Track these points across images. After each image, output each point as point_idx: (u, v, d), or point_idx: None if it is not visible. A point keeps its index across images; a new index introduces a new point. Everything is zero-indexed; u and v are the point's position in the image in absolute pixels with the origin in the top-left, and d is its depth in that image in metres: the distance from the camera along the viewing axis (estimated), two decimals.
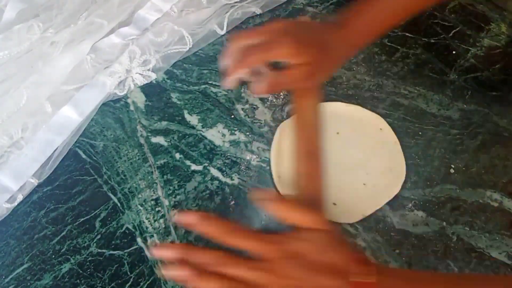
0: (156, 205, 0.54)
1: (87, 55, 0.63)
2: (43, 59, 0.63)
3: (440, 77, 0.64)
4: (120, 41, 0.66)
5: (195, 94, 0.62)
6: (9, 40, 0.64)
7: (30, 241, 0.52)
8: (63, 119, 0.59)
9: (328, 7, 0.71)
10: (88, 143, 0.58)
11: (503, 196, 0.55)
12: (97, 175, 0.56)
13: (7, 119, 0.58)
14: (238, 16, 0.69)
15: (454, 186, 0.55)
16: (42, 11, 0.68)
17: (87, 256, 0.51)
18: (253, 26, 0.69)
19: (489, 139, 0.59)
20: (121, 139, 0.59)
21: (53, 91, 0.61)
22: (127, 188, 0.55)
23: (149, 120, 0.60)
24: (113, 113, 0.61)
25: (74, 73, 0.62)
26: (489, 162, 0.57)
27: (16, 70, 0.62)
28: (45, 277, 0.50)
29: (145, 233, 0.52)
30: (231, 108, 0.61)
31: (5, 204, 0.53)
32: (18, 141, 0.58)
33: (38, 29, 0.65)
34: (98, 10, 0.68)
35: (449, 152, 0.58)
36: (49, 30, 0.66)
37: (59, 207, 0.54)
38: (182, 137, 0.59)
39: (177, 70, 0.64)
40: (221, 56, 0.52)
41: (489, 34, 0.67)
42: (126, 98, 0.62)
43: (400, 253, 0.51)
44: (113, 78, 0.62)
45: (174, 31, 0.66)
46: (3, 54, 0.62)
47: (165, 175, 0.56)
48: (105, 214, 0.53)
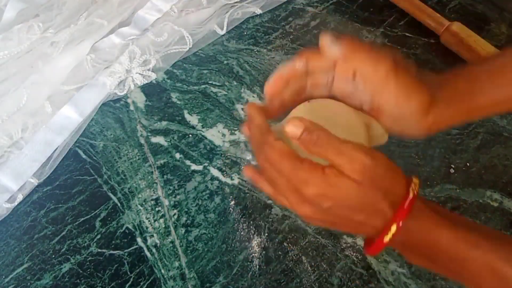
0: (156, 205, 0.54)
1: (87, 55, 0.63)
2: (43, 59, 0.63)
3: None
4: (120, 41, 0.66)
5: (195, 94, 0.62)
6: (9, 40, 0.64)
7: (30, 241, 0.52)
8: (63, 119, 0.59)
9: (328, 7, 0.71)
10: (88, 143, 0.58)
11: (503, 196, 0.55)
12: (97, 175, 0.56)
13: (7, 119, 0.58)
14: (238, 16, 0.69)
15: (454, 186, 0.55)
16: (42, 11, 0.68)
17: (87, 256, 0.51)
18: (253, 26, 0.69)
19: (489, 139, 0.59)
20: (121, 139, 0.59)
21: (53, 91, 0.61)
22: (127, 188, 0.55)
23: (149, 120, 0.60)
24: (113, 113, 0.61)
25: (74, 73, 0.62)
26: (489, 162, 0.57)
27: (16, 70, 0.62)
28: (45, 277, 0.50)
29: (145, 233, 0.52)
30: (231, 108, 0.61)
31: (5, 204, 0.53)
32: (18, 141, 0.58)
33: (38, 29, 0.65)
34: (98, 10, 0.68)
35: (449, 152, 0.58)
36: (49, 30, 0.66)
37: (59, 207, 0.54)
38: (182, 137, 0.59)
39: (177, 70, 0.64)
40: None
41: (489, 34, 0.67)
42: (126, 98, 0.62)
43: (400, 253, 0.51)
44: (113, 78, 0.62)
45: (174, 31, 0.67)
46: (3, 54, 0.62)
47: (165, 175, 0.56)
48: (105, 214, 0.53)
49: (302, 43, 0.68)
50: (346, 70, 0.35)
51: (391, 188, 0.31)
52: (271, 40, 0.68)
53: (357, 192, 0.30)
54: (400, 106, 0.34)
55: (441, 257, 0.31)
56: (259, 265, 0.50)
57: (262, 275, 0.49)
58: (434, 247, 0.31)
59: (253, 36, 0.69)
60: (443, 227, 0.31)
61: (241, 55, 0.67)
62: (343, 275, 0.49)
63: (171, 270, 0.50)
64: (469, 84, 0.35)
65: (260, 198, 0.54)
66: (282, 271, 0.49)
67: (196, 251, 0.51)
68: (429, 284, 0.48)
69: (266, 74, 0.64)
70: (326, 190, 0.31)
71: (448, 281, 0.48)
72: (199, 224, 0.52)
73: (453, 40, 0.64)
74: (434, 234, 0.31)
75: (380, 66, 0.33)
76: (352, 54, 0.34)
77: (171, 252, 0.51)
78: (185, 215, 0.53)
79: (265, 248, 0.51)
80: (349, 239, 0.51)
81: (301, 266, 0.50)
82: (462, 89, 0.35)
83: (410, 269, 0.50)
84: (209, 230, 0.52)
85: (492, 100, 0.35)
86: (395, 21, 0.70)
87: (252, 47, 0.68)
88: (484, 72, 0.36)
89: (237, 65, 0.66)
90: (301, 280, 0.49)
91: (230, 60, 0.66)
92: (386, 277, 0.49)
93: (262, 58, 0.66)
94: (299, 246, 0.51)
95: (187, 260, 0.50)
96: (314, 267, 0.50)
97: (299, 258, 0.50)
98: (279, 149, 0.32)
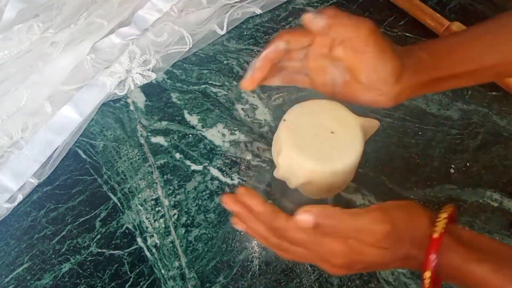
0: (156, 205, 0.54)
1: (87, 55, 0.63)
2: (43, 59, 0.63)
3: None
4: (120, 41, 0.66)
5: (195, 94, 0.62)
6: (9, 40, 0.64)
7: (30, 241, 0.52)
8: (63, 119, 0.59)
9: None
10: (88, 143, 0.58)
11: (503, 196, 0.55)
12: (97, 175, 0.56)
13: (7, 119, 0.58)
14: (238, 16, 0.69)
15: (454, 186, 0.55)
16: (42, 11, 0.68)
17: (87, 256, 0.51)
18: (253, 26, 0.69)
19: (489, 139, 0.59)
20: (121, 139, 0.59)
21: (53, 91, 0.61)
22: (127, 188, 0.55)
23: (149, 120, 0.60)
24: (113, 113, 0.61)
25: (74, 73, 0.62)
26: (489, 162, 0.57)
27: (16, 70, 0.62)
28: (45, 277, 0.50)
29: (145, 233, 0.52)
30: (231, 108, 0.61)
31: (5, 204, 0.53)
32: (18, 141, 0.58)
33: (38, 29, 0.65)
34: (98, 10, 0.68)
35: (449, 152, 0.58)
36: (49, 30, 0.66)
37: (59, 207, 0.54)
38: (182, 137, 0.59)
39: (177, 70, 0.64)
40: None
41: None
42: (126, 98, 0.62)
43: None
44: (113, 78, 0.62)
45: (174, 31, 0.67)
46: (3, 54, 0.62)
47: (165, 175, 0.56)
48: (105, 214, 0.53)
49: None
50: (323, 43, 0.36)
51: (416, 234, 0.32)
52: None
53: (386, 254, 0.31)
54: (377, 69, 0.35)
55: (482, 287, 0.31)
56: (259, 265, 0.50)
57: (262, 275, 0.49)
58: (471, 280, 0.31)
59: (253, 36, 0.69)
60: (472, 262, 0.31)
61: (241, 55, 0.67)
62: (343, 275, 0.49)
63: (171, 270, 0.50)
64: (431, 58, 0.37)
65: None
66: (282, 271, 0.49)
67: (196, 251, 0.51)
68: None
69: None
70: (355, 258, 0.32)
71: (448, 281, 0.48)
72: (199, 224, 0.52)
73: None
74: (465, 270, 0.31)
75: (362, 29, 0.35)
76: (334, 21, 0.35)
77: (171, 252, 0.51)
78: (185, 215, 0.53)
79: (265, 248, 0.51)
80: None
81: (301, 266, 0.50)
82: (425, 61, 0.37)
83: (410, 269, 0.50)
84: (209, 230, 0.52)
85: (452, 74, 0.37)
86: (395, 21, 0.70)
87: (252, 47, 0.68)
88: (445, 46, 0.38)
89: (237, 65, 0.66)
90: (301, 280, 0.49)
91: (230, 60, 0.66)
92: (386, 277, 0.49)
93: None
94: None
95: (187, 260, 0.50)
96: (314, 267, 0.49)
97: None
98: (297, 229, 0.32)
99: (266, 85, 0.49)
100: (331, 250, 0.32)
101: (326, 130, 0.39)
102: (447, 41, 0.39)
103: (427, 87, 0.38)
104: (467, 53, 0.37)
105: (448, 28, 0.64)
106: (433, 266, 0.31)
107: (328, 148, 0.39)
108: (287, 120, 0.39)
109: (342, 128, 0.38)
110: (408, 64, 0.36)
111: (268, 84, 0.40)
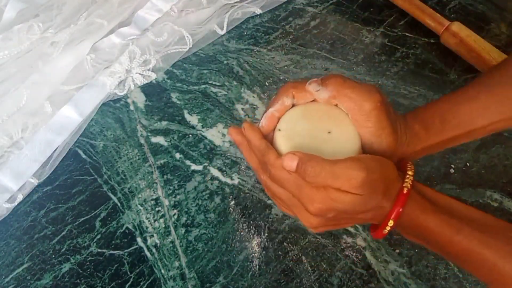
0: (156, 205, 0.54)
1: (87, 55, 0.63)
2: (43, 59, 0.63)
3: (440, 77, 0.64)
4: (120, 41, 0.66)
5: (195, 94, 0.62)
6: (9, 40, 0.64)
7: (30, 241, 0.52)
8: (63, 119, 0.59)
9: (328, 7, 0.71)
10: (88, 143, 0.58)
11: (503, 196, 0.55)
12: (97, 175, 0.56)
13: (7, 119, 0.58)
14: (238, 16, 0.69)
15: (454, 186, 0.55)
16: (42, 11, 0.68)
17: (87, 256, 0.51)
18: (253, 26, 0.69)
19: (489, 139, 0.59)
20: (121, 139, 0.59)
21: (53, 91, 0.61)
22: (127, 188, 0.55)
23: (149, 120, 0.60)
24: (113, 113, 0.61)
25: (74, 73, 0.62)
26: (489, 162, 0.57)
27: (16, 70, 0.62)
28: (45, 277, 0.50)
29: (145, 233, 0.52)
30: (231, 108, 0.61)
31: (5, 204, 0.53)
32: (18, 141, 0.58)
33: (38, 29, 0.65)
34: (98, 10, 0.68)
35: (449, 152, 0.58)
36: (49, 30, 0.66)
37: (59, 207, 0.54)
38: (182, 137, 0.59)
39: (177, 70, 0.64)
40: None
41: (489, 34, 0.67)
42: (126, 98, 0.62)
43: (400, 253, 0.51)
44: (113, 78, 0.62)
45: (174, 31, 0.67)
46: (3, 54, 0.62)
47: (165, 175, 0.56)
48: (105, 214, 0.53)
49: (302, 43, 0.68)
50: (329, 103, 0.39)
51: (388, 186, 0.34)
52: (271, 40, 0.68)
53: (360, 201, 0.33)
54: (373, 146, 0.38)
55: (431, 238, 0.34)
56: (259, 265, 0.50)
57: (262, 275, 0.49)
58: (424, 230, 0.34)
59: (253, 36, 0.69)
60: (429, 212, 0.34)
61: (241, 55, 0.67)
62: (343, 275, 0.49)
63: (171, 270, 0.50)
64: (424, 130, 0.40)
65: (260, 198, 0.54)
66: (282, 271, 0.49)
67: (196, 251, 0.51)
68: (429, 284, 0.48)
69: (266, 74, 0.64)
70: (331, 205, 0.34)
71: (448, 281, 0.48)
72: (199, 224, 0.52)
73: (453, 40, 0.64)
74: (422, 219, 0.34)
75: (365, 104, 0.36)
76: (339, 93, 0.37)
77: (171, 252, 0.51)
78: (185, 215, 0.53)
79: (265, 248, 0.51)
80: (349, 239, 0.51)
81: (301, 266, 0.50)
82: (418, 134, 0.40)
83: (410, 269, 0.50)
84: (209, 230, 0.52)
85: (445, 140, 0.40)
86: (395, 21, 0.70)
87: (252, 47, 0.68)
88: (437, 115, 0.41)
89: (237, 65, 0.66)
90: (301, 280, 0.49)
91: (230, 60, 0.66)
92: (386, 277, 0.49)
93: (262, 58, 0.66)
94: (299, 246, 0.51)
95: (187, 260, 0.50)
96: (314, 267, 0.50)
97: (299, 258, 0.50)
98: (282, 168, 0.34)
99: (266, 85, 0.50)
100: (308, 194, 0.34)
101: (323, 131, 0.39)
102: (439, 109, 0.41)
103: (421, 153, 0.42)
104: (459, 118, 0.40)
105: (448, 28, 0.64)
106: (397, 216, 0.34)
107: (328, 148, 0.39)
108: (282, 130, 0.39)
109: (338, 126, 0.39)
110: (403, 141, 0.39)
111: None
